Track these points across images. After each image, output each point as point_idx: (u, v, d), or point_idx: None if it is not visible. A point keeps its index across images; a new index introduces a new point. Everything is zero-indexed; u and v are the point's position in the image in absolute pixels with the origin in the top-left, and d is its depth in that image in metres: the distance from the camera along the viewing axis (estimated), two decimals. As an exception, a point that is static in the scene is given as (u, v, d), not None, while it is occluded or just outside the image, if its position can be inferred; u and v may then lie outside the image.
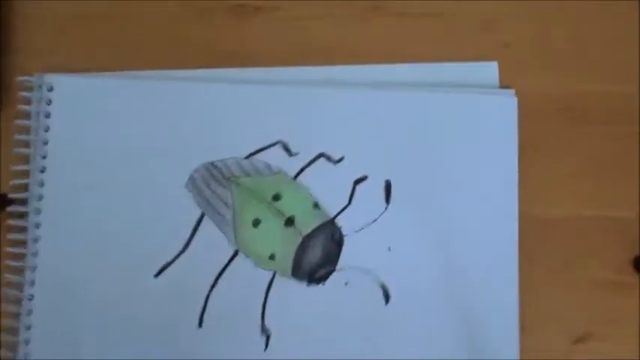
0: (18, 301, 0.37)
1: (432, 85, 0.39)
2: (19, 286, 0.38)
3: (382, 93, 0.39)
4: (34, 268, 0.38)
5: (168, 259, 0.38)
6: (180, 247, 0.38)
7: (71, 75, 0.39)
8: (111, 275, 0.37)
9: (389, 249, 0.38)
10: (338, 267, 0.37)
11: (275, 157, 0.38)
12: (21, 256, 0.38)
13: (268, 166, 0.38)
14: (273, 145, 0.38)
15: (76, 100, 0.39)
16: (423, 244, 0.38)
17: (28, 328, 0.37)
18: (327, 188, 0.38)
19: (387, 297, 0.37)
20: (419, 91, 0.39)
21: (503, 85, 0.39)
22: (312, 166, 0.38)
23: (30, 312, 0.38)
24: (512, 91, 0.39)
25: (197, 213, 0.38)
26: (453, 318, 0.37)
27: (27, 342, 0.37)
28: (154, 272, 0.38)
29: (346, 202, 0.38)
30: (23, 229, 0.38)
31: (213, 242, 0.38)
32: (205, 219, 0.38)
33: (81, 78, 0.39)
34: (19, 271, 0.38)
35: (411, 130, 0.38)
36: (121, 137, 0.39)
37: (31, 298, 0.38)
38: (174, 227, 0.38)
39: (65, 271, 0.38)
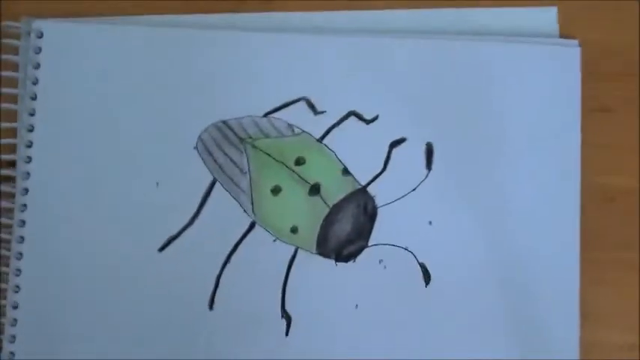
0: (4, 279, 0.35)
1: (479, 34, 0.36)
2: (6, 260, 0.36)
3: (424, 41, 0.35)
4: (21, 239, 0.35)
5: (174, 231, 0.35)
6: (188, 219, 0.35)
7: (63, 20, 0.36)
8: (108, 249, 0.35)
9: (430, 223, 0.35)
10: (370, 243, 0.34)
11: (298, 115, 0.35)
12: (9, 226, 0.36)
13: (290, 126, 0.35)
14: (296, 101, 0.35)
15: (69, 49, 0.36)
16: (470, 219, 0.35)
17: (15, 307, 0.35)
18: (358, 152, 0.35)
19: (427, 278, 0.35)
20: (466, 39, 0.35)
21: (564, 35, 0.36)
22: (341, 126, 0.35)
23: (17, 289, 0.35)
24: (575, 42, 0.35)
25: (207, 179, 0.35)
26: (502, 307, 0.34)
27: (13, 323, 0.35)
28: (158, 246, 0.35)
29: (380, 168, 0.35)
30: (12, 196, 0.36)
31: (226, 213, 0.35)
32: (217, 186, 0.35)
33: (74, 24, 0.36)
34: (6, 242, 0.36)
35: (456, 86, 0.35)
36: (119, 93, 0.36)
37: (18, 273, 0.35)
38: (180, 195, 0.35)
39: (56, 244, 0.35)
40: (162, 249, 0.35)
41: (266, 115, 0.35)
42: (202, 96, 0.35)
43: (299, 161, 0.35)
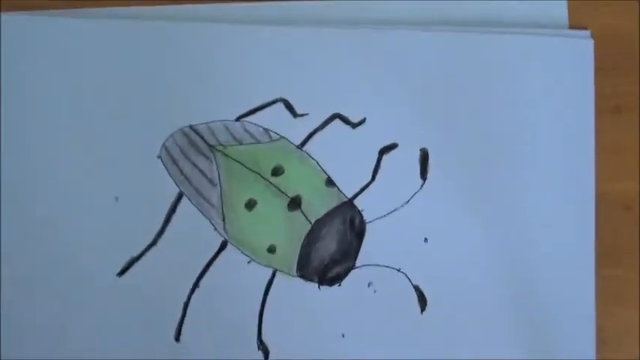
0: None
1: (483, 25, 0.34)
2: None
3: (422, 34, 0.33)
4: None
5: (135, 252, 0.33)
6: (150, 238, 0.33)
7: (22, 13, 0.34)
8: (63, 271, 0.32)
9: (425, 240, 0.33)
10: (358, 263, 0.33)
11: (275, 119, 0.33)
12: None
13: (266, 131, 0.34)
14: (273, 103, 0.33)
15: (29, 44, 0.34)
16: (472, 235, 0.33)
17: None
18: (343, 160, 0.33)
19: (423, 303, 0.33)
20: (467, 31, 0.33)
21: (574, 25, 0.34)
22: (324, 130, 0.33)
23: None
24: (587, 32, 0.34)
25: (173, 192, 0.33)
26: (511, 335, 0.32)
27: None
28: (117, 270, 0.33)
29: (369, 178, 0.33)
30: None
31: (194, 231, 0.33)
32: (183, 200, 0.33)
33: (35, 16, 0.34)
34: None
35: (455, 83, 0.33)
36: (75, 92, 0.33)
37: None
38: (142, 211, 0.33)
39: (9, 258, 0.33)
40: (121, 273, 0.32)
41: (239, 118, 0.34)
42: (167, 97, 0.33)
43: (277, 171, 0.33)
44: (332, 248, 0.32)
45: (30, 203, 0.33)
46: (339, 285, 0.33)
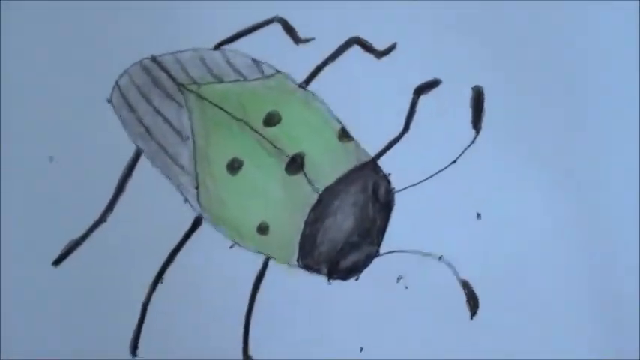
0: None
1: None
2: None
3: None
4: None
5: (77, 233, 0.30)
6: (97, 213, 0.31)
7: None
8: None
9: (478, 216, 0.31)
10: (383, 249, 0.30)
11: (269, 46, 0.32)
12: None
13: (256, 64, 0.32)
14: (266, 24, 0.32)
15: None
16: (543, 209, 0.31)
17: None
18: (364, 103, 0.31)
19: (473, 304, 0.30)
20: None
21: None
22: (338, 61, 0.32)
23: None
24: None
25: (128, 150, 0.31)
26: (587, 346, 0.31)
27: None
28: (52, 257, 0.30)
29: (400, 129, 0.31)
30: None
31: (157, 203, 0.31)
32: (142, 161, 0.31)
33: None
34: None
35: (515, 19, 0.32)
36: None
37: None
38: (85, 176, 0.31)
39: None
40: (58, 261, 0.30)
41: (218, 46, 0.32)
42: (117, 17, 0.32)
43: (271, 119, 0.31)
44: (347, 227, 0.30)
45: None
46: (357, 279, 0.31)
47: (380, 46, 0.32)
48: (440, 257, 0.30)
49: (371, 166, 0.31)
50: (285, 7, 0.32)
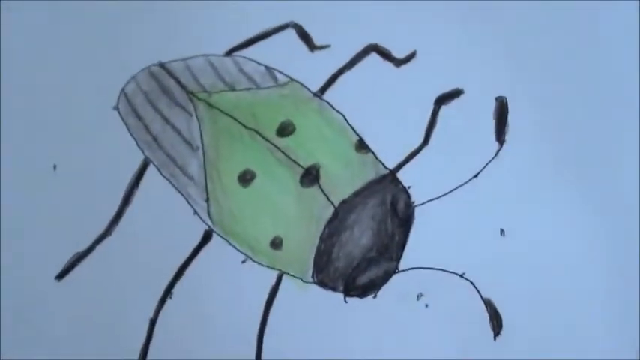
0: None
1: None
2: None
3: None
4: None
5: (81, 246, 0.30)
6: (103, 226, 0.30)
7: None
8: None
9: (502, 233, 0.31)
10: (402, 265, 0.30)
11: (283, 53, 0.32)
12: None
13: (269, 72, 0.32)
14: (280, 29, 0.32)
15: None
16: (567, 225, 0.31)
17: None
18: (382, 113, 0.31)
19: (497, 324, 0.30)
20: None
21: None
22: (355, 69, 0.32)
23: None
24: None
25: (135, 160, 0.31)
26: None
27: None
28: (55, 271, 0.30)
29: (420, 141, 0.31)
30: None
31: (165, 216, 0.31)
32: (150, 172, 0.31)
33: None
34: None
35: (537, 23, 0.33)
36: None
37: None
38: (90, 187, 0.31)
39: None
40: (62, 275, 0.30)
41: (230, 52, 0.32)
42: (128, 23, 0.32)
43: (284, 129, 0.31)
44: (364, 242, 0.30)
45: None
46: (375, 296, 0.30)
47: (399, 54, 0.32)
48: (462, 274, 0.30)
49: (390, 178, 0.30)
50: (300, 12, 0.32)
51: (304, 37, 0.31)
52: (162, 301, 0.30)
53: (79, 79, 0.31)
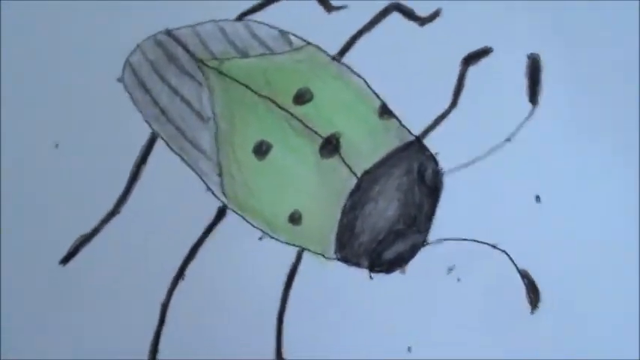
0: None
1: None
2: None
3: None
4: None
5: (87, 228, 0.30)
6: (110, 204, 0.30)
7: None
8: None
9: (537, 199, 0.30)
10: (431, 238, 0.30)
11: (297, 15, 0.32)
12: None
13: (283, 35, 0.31)
14: None
15: None
16: (610, 189, 0.30)
17: None
18: (406, 75, 0.31)
19: (534, 298, 0.30)
20: None
21: None
22: (375, 30, 0.31)
23: None
24: None
25: (142, 134, 0.31)
26: None
27: None
28: (60, 255, 0.30)
29: (447, 104, 0.31)
30: None
31: (175, 192, 0.31)
32: (159, 145, 0.31)
33: None
34: None
35: None
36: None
37: None
38: (95, 163, 0.31)
39: None
40: (66, 259, 0.30)
41: (241, 17, 0.32)
42: None
43: (301, 96, 0.30)
44: (390, 214, 0.30)
45: None
46: (403, 272, 0.30)
47: (422, 12, 0.31)
48: (495, 245, 0.29)
49: (416, 145, 0.30)
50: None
51: (321, -4, 0.31)
52: (174, 284, 0.29)
53: (80, 50, 0.31)
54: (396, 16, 0.31)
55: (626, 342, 0.30)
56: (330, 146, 0.29)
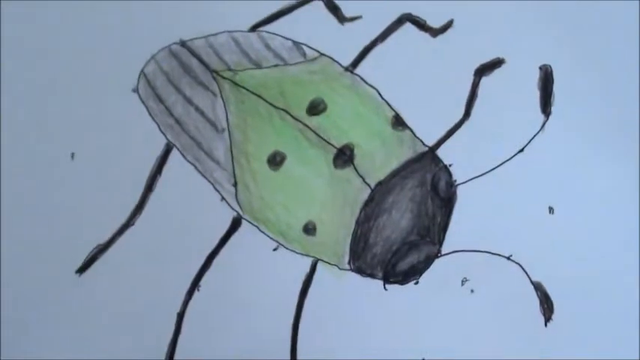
0: None
1: None
2: None
3: None
4: None
5: (102, 238, 0.30)
6: (125, 215, 0.30)
7: None
8: (10, 265, 0.30)
9: (550, 211, 0.30)
10: (445, 249, 0.30)
11: (310, 26, 0.32)
12: None
13: (297, 47, 0.31)
14: (307, 2, 0.32)
15: None
16: (624, 201, 0.31)
17: None
18: (419, 86, 0.31)
19: (548, 310, 0.30)
20: None
21: None
22: (389, 41, 0.31)
23: None
24: None
25: (157, 144, 0.31)
26: None
27: None
28: (76, 265, 0.30)
29: (460, 115, 0.31)
30: None
31: (190, 203, 0.31)
32: (173, 156, 0.31)
33: None
34: None
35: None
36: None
37: None
38: (111, 174, 0.31)
39: None
40: (82, 269, 0.30)
41: (254, 28, 0.32)
42: (148, 3, 0.31)
43: (315, 107, 0.30)
44: (404, 225, 0.30)
45: None
46: (417, 282, 0.30)
47: (435, 24, 0.31)
48: (509, 257, 0.30)
49: (429, 156, 0.30)
50: (328, -18, 0.32)
51: (333, 8, 0.31)
52: (189, 294, 0.29)
53: (96, 61, 0.31)
54: (408, 27, 0.31)
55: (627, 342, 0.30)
56: (344, 157, 0.29)
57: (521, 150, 0.30)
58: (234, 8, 0.31)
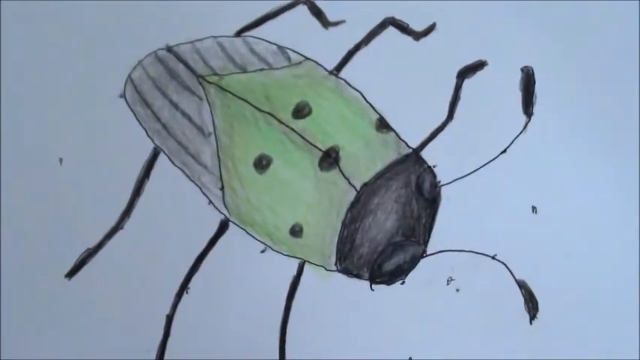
0: None
1: None
2: None
3: None
4: None
5: (91, 242, 0.30)
6: (113, 219, 0.30)
7: None
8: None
9: (533, 210, 0.31)
10: (430, 249, 0.30)
11: (295, 31, 0.32)
12: None
13: (281, 51, 0.32)
14: (292, 6, 0.32)
15: None
16: (603, 201, 0.31)
17: None
18: (402, 89, 0.31)
19: (532, 308, 0.30)
20: None
21: None
22: (372, 44, 0.31)
23: None
24: None
25: (144, 149, 0.31)
26: None
27: None
28: (65, 269, 0.30)
29: (443, 117, 0.31)
30: None
31: (178, 207, 0.31)
32: (161, 160, 0.31)
33: None
34: None
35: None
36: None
37: None
38: (99, 178, 0.31)
39: None
40: (72, 273, 0.30)
41: (240, 33, 0.32)
42: (132, 6, 0.32)
43: (300, 110, 0.31)
44: (389, 226, 0.30)
45: None
46: (403, 283, 0.30)
47: (418, 27, 0.31)
48: (493, 256, 0.30)
49: (413, 158, 0.30)
50: (312, -13, 0.32)
51: (317, 13, 0.31)
52: (178, 297, 0.30)
53: (83, 67, 0.31)
54: (391, 31, 0.31)
55: (626, 349, 0.30)
56: (330, 159, 0.30)
57: (504, 151, 0.30)
58: (220, 13, 0.31)
